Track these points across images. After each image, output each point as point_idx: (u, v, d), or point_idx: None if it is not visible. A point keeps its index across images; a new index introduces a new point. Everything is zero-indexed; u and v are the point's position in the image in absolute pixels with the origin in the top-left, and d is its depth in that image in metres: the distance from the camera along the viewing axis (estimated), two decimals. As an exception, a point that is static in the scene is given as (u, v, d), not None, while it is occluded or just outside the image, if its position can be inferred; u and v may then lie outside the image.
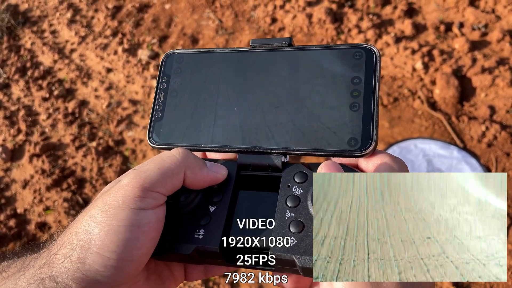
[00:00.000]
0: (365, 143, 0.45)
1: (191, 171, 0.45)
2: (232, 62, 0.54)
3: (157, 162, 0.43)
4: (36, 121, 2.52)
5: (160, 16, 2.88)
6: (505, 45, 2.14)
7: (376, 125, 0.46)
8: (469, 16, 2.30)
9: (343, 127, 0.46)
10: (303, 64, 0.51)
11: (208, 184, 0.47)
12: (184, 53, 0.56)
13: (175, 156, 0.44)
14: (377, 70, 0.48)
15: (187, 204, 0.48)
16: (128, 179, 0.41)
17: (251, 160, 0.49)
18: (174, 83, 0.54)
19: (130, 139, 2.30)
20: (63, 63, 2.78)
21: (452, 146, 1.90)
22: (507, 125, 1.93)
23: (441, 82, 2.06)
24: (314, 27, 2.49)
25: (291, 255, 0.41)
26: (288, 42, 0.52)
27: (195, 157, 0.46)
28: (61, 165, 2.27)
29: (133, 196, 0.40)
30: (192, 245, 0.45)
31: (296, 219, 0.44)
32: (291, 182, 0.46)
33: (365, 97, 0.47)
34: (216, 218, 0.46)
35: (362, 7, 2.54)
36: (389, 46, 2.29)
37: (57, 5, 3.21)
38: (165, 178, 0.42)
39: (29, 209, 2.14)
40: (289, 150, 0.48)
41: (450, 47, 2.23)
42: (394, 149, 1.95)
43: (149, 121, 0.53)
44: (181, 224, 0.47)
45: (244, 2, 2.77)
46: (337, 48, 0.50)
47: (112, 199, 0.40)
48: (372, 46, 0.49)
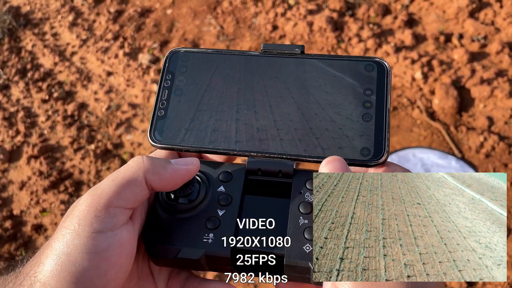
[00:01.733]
0: (378, 153, 0.46)
1: (153, 174, 0.41)
2: (242, 65, 0.53)
3: (112, 175, 0.40)
4: (35, 123, 2.52)
5: (162, 21, 2.89)
6: (504, 57, 2.15)
7: (388, 137, 0.46)
8: (468, 27, 2.31)
9: (355, 137, 0.47)
10: (315, 72, 0.51)
11: (181, 180, 0.44)
12: (190, 52, 0.55)
13: (129, 164, 0.42)
14: (388, 83, 0.48)
15: (194, 206, 0.46)
16: (83, 199, 0.38)
17: (261, 165, 0.48)
18: (179, 81, 0.53)
19: (129, 143, 2.29)
20: (63, 66, 2.79)
21: (450, 156, 1.91)
22: (505, 136, 1.94)
23: (440, 92, 2.07)
24: (315, 35, 2.50)
25: (307, 262, 0.40)
26: (301, 50, 0.52)
27: (155, 158, 0.43)
28: (59, 167, 2.26)
29: (89, 218, 0.37)
30: (201, 250, 0.43)
31: (311, 225, 0.43)
32: (303, 189, 0.46)
33: (377, 108, 0.47)
34: (226, 222, 0.45)
35: (363, 16, 2.56)
36: (389, 55, 2.30)
37: (59, 8, 3.22)
38: (122, 189, 0.39)
39: (25, 210, 2.12)
40: (301, 157, 0.47)
41: (449, 57, 2.24)
42: (392, 158, 1.95)
43: (151, 118, 0.51)
44: (187, 227, 0.45)
45: (245, 9, 2.79)
46: (348, 59, 0.51)
47: (69, 223, 0.37)
48: (383, 60, 0.50)
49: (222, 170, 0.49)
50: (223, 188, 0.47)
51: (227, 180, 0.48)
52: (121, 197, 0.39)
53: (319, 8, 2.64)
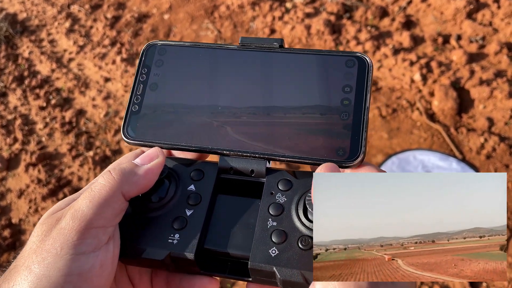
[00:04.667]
0: (353, 154, 0.44)
1: (128, 185, 0.41)
2: (219, 59, 0.51)
3: (88, 194, 0.40)
4: (33, 130, 2.50)
5: (159, 26, 2.88)
6: (502, 57, 2.15)
7: (365, 136, 0.44)
8: (466, 28, 2.31)
9: (331, 136, 0.45)
10: (293, 68, 0.49)
11: (154, 176, 0.43)
12: (167, 45, 0.52)
13: (101, 182, 0.41)
14: (369, 80, 0.46)
15: (162, 205, 0.45)
16: (65, 222, 0.38)
17: (233, 163, 0.46)
18: (155, 76, 0.51)
19: (128, 149, 2.28)
20: (61, 72, 2.78)
21: (451, 158, 1.90)
22: (505, 137, 1.93)
23: (440, 93, 2.06)
24: (313, 38, 2.50)
25: (272, 267, 0.39)
26: (279, 44, 0.50)
27: (122, 168, 0.42)
28: (58, 174, 2.25)
29: (72, 241, 0.37)
30: (165, 251, 0.42)
31: (279, 228, 0.41)
32: (274, 189, 0.44)
33: (355, 107, 0.45)
34: (193, 223, 0.43)
35: (361, 19, 2.56)
36: (388, 57, 2.30)
37: (55, 14, 3.21)
38: (101, 209, 0.39)
39: (24, 219, 2.11)
40: (274, 156, 0.45)
41: (448, 59, 2.24)
42: (393, 160, 1.94)
43: (125, 113, 0.50)
44: (154, 227, 0.44)
45: (243, 13, 2.78)
46: (329, 54, 0.48)
47: (50, 247, 0.37)
48: (365, 55, 0.47)
49: (194, 168, 0.47)
50: (193, 187, 0.46)
51: (199, 179, 0.46)
52: (101, 217, 0.39)
53: (317, 11, 2.64)
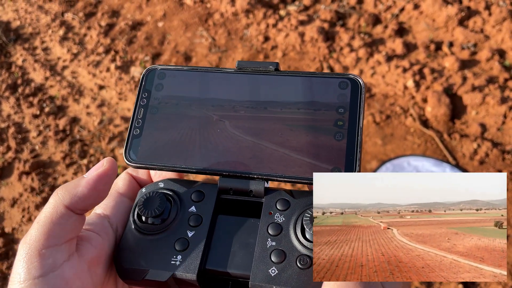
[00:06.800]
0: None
1: (71, 198, 0.41)
2: (216, 83, 0.52)
3: (37, 218, 0.40)
4: (26, 138, 2.49)
5: (153, 34, 2.89)
6: (494, 63, 2.18)
7: (360, 156, 0.46)
8: (458, 35, 2.34)
9: (326, 156, 0.46)
10: (289, 90, 0.50)
11: (102, 185, 0.42)
12: (167, 69, 0.54)
13: (49, 201, 0.41)
14: (362, 101, 0.48)
15: (164, 227, 0.46)
16: (18, 250, 0.38)
17: (232, 184, 0.48)
18: (155, 100, 0.52)
19: (122, 157, 2.27)
20: (54, 80, 2.77)
21: (444, 164, 1.91)
22: (498, 143, 1.95)
23: (433, 100, 2.08)
24: (307, 45, 2.51)
25: (272, 286, 0.40)
26: (275, 67, 0.51)
27: (68, 183, 0.42)
28: (51, 183, 2.23)
29: (27, 267, 0.37)
30: (169, 272, 0.43)
31: (278, 248, 0.43)
32: (273, 209, 0.46)
33: (349, 127, 0.47)
34: (195, 244, 0.44)
35: (354, 26, 2.58)
36: (381, 64, 2.32)
37: (49, 22, 3.20)
38: (48, 228, 0.39)
39: (17, 228, 2.09)
40: (272, 176, 0.47)
41: (440, 65, 2.26)
42: (387, 166, 1.95)
43: (127, 137, 0.51)
44: (156, 248, 0.45)
45: (237, 21, 2.80)
46: (323, 76, 0.50)
47: (13, 276, 0.38)
48: (357, 77, 0.49)
49: (195, 190, 0.49)
50: (194, 208, 0.47)
51: (199, 200, 0.48)
52: (50, 236, 0.39)
53: (310, 18, 2.66)
